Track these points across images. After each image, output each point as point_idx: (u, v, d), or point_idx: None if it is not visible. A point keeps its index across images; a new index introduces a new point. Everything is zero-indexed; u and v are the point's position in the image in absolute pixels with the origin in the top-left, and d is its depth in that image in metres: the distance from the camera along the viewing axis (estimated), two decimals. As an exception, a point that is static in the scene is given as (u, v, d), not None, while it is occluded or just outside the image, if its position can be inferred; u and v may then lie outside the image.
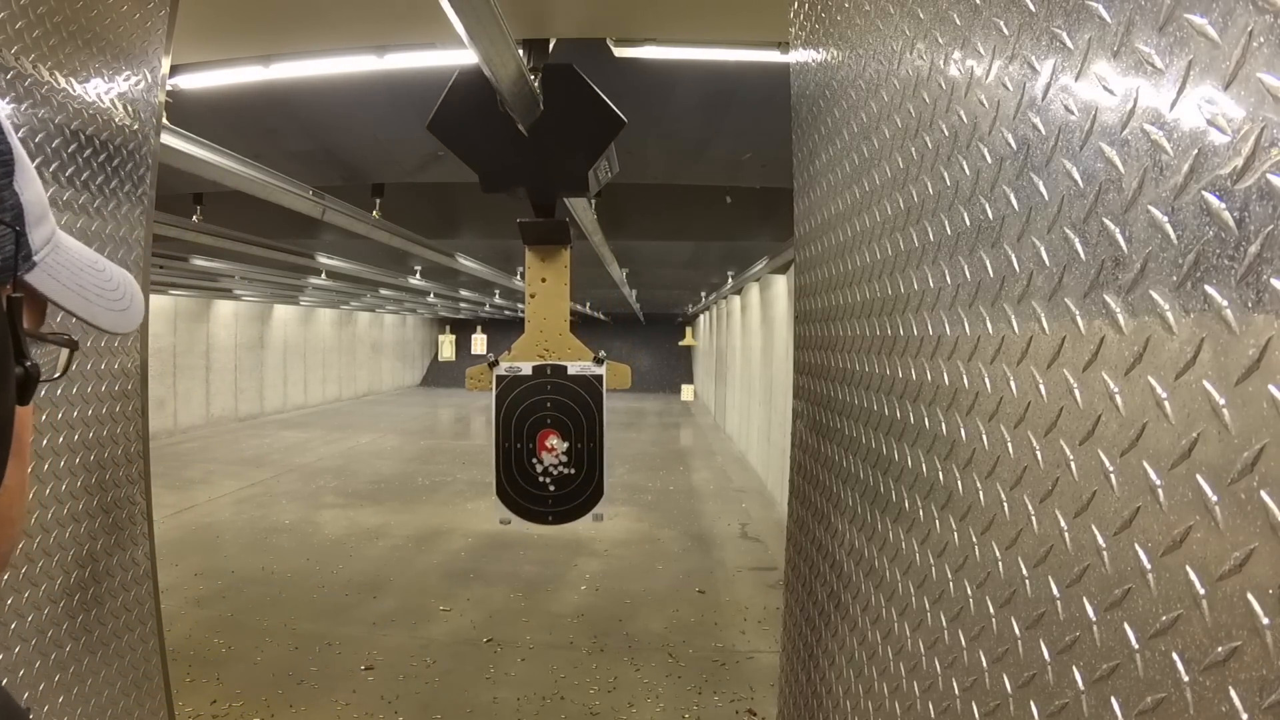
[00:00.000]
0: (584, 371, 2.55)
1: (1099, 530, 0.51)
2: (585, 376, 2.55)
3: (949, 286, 0.75)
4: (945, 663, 0.74)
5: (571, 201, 4.62)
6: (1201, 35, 0.42)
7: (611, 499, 7.99)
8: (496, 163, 2.38)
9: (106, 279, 0.51)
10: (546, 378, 2.54)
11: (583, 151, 2.35)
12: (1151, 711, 0.45)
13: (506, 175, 2.41)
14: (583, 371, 2.55)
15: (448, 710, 3.79)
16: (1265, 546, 0.37)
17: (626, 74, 3.68)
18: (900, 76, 0.90)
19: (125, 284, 0.53)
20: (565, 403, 2.55)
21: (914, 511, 0.84)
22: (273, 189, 4.80)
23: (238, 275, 9.89)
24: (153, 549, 1.65)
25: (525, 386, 2.55)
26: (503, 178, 2.43)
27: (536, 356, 2.56)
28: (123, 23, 1.47)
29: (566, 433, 2.56)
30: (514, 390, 2.55)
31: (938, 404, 0.78)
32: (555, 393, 2.54)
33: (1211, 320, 0.41)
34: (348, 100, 3.86)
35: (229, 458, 11.32)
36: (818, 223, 1.30)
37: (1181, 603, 0.43)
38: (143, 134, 1.55)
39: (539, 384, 2.55)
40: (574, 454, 2.57)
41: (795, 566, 1.42)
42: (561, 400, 2.55)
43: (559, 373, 2.55)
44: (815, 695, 1.22)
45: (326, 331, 20.68)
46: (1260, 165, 0.38)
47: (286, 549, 6.60)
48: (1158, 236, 0.46)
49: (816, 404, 1.29)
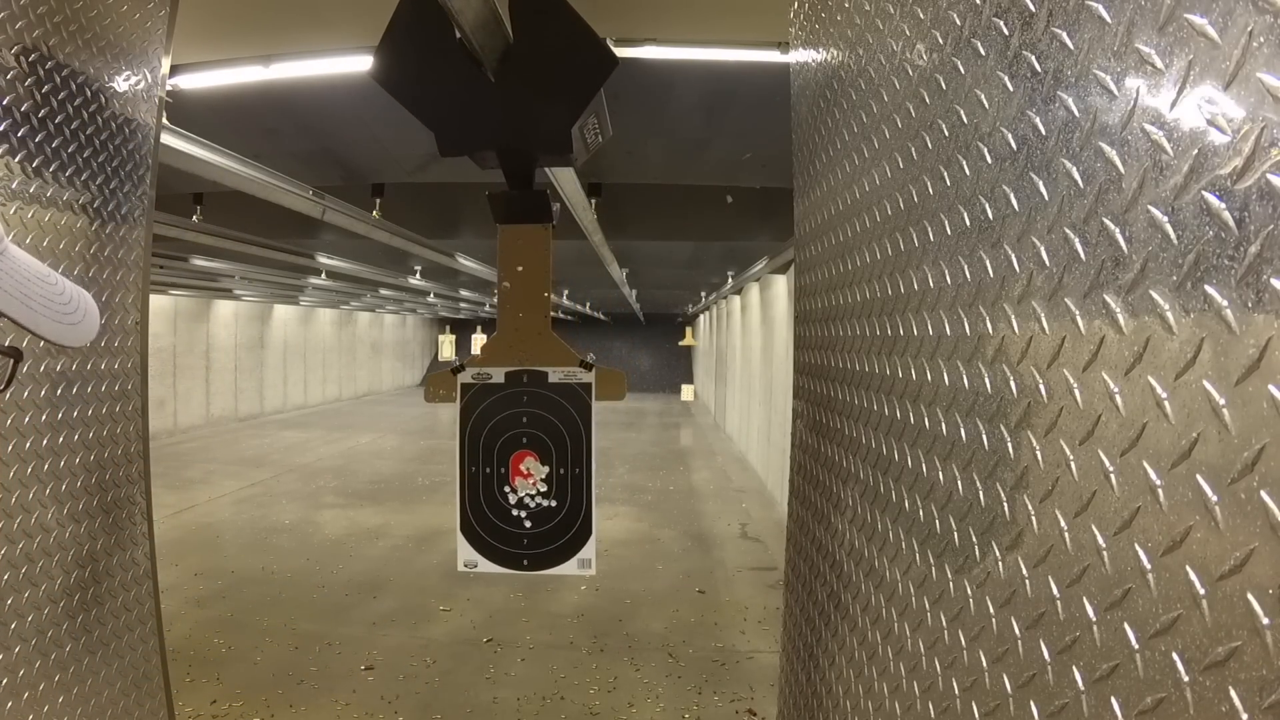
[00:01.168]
0: (568, 379, 2.09)
1: (1099, 530, 0.51)
2: (570, 386, 2.09)
3: (949, 286, 0.75)
4: (945, 663, 0.74)
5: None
6: (1201, 35, 0.42)
7: (611, 499, 8.00)
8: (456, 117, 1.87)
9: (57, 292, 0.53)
10: (522, 387, 2.10)
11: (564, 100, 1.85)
12: (1151, 711, 0.45)
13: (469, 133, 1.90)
14: (567, 379, 2.09)
15: (448, 710, 3.79)
16: (1265, 546, 0.37)
17: (626, 74, 3.67)
18: (900, 76, 0.90)
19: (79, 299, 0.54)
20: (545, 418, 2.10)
21: (914, 511, 0.84)
22: (273, 189, 4.80)
23: (238, 275, 9.89)
24: (153, 549, 1.65)
25: (496, 398, 2.10)
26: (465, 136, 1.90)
27: (510, 361, 2.10)
28: (123, 23, 1.47)
29: (546, 455, 2.09)
30: (482, 402, 2.10)
31: (938, 404, 0.78)
32: (533, 405, 2.10)
33: (1211, 320, 0.41)
34: (348, 100, 3.86)
35: (229, 458, 11.32)
36: (818, 223, 1.30)
37: (1181, 603, 0.43)
38: (143, 134, 1.55)
39: (513, 395, 2.10)
40: (555, 482, 2.10)
41: (795, 566, 1.42)
42: (540, 415, 2.10)
43: (537, 381, 2.09)
44: (815, 695, 1.22)
45: (326, 331, 20.68)
46: (1260, 165, 0.38)
47: (286, 549, 6.60)
48: (1158, 236, 0.46)
49: (816, 404, 1.29)
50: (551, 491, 2.10)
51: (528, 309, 2.11)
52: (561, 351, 2.11)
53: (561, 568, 2.08)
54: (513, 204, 2.08)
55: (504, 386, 2.10)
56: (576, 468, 2.09)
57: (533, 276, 2.12)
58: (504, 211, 2.10)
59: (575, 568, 2.10)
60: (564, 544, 2.10)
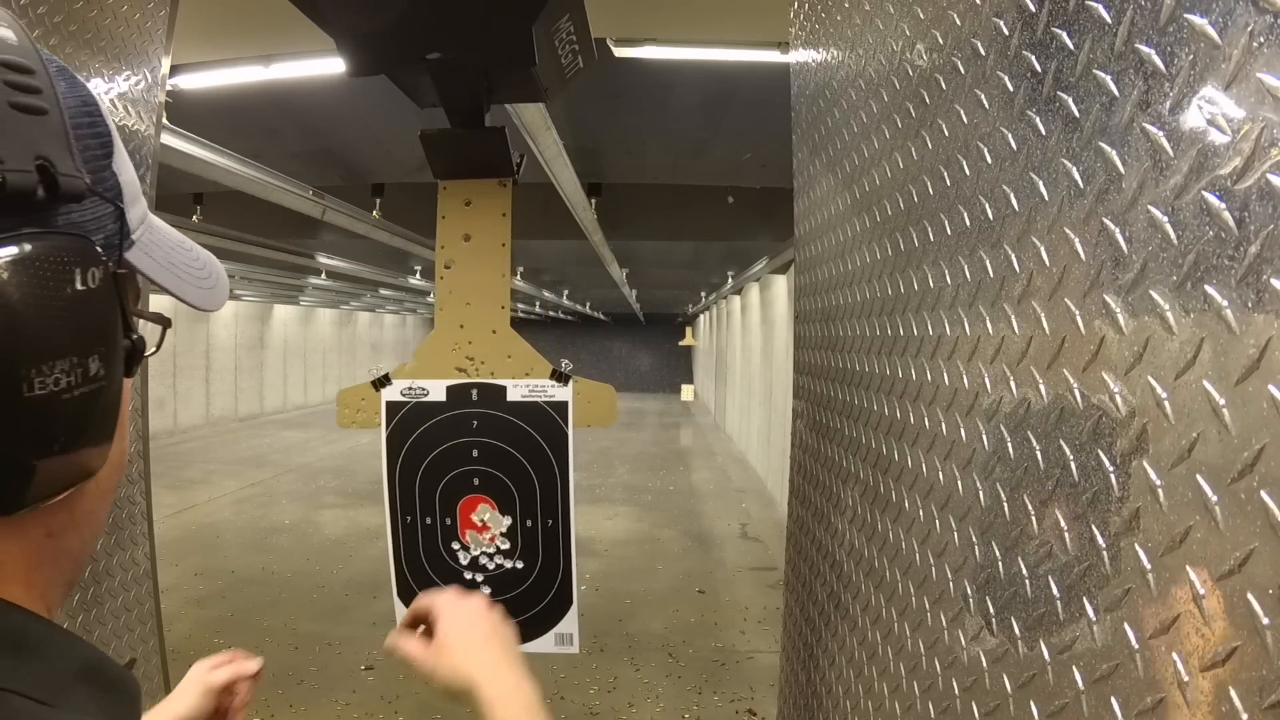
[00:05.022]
0: (535, 396, 1.48)
1: (1099, 530, 0.51)
2: (536, 406, 1.48)
3: (949, 286, 0.75)
4: (945, 663, 0.74)
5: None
6: (1201, 35, 0.42)
7: (611, 499, 8.01)
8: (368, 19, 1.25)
9: (194, 258, 0.55)
10: (471, 407, 1.49)
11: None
12: (1151, 711, 0.45)
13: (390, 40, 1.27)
14: (532, 396, 1.48)
15: (448, 710, 3.79)
16: (1265, 546, 0.37)
17: (626, 74, 3.68)
18: (900, 76, 0.90)
19: (211, 264, 0.57)
20: (503, 451, 1.50)
21: (914, 511, 0.84)
22: (273, 189, 4.80)
23: (238, 275, 9.90)
24: (153, 549, 1.65)
25: (436, 423, 1.50)
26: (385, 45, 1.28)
27: (453, 371, 1.50)
28: (123, 23, 1.47)
29: (507, 502, 1.51)
30: (417, 428, 1.50)
31: (938, 404, 0.78)
32: (487, 433, 1.49)
33: (1211, 320, 0.41)
34: (348, 100, 3.86)
35: (229, 458, 11.32)
36: (818, 222, 1.30)
37: (1181, 603, 0.43)
38: (143, 134, 1.55)
39: (458, 419, 1.50)
40: (521, 537, 1.55)
41: (795, 566, 1.42)
42: (497, 447, 1.50)
43: (492, 399, 1.49)
44: (815, 695, 1.22)
45: (326, 331, 20.68)
46: (1260, 165, 0.38)
47: (286, 549, 6.60)
48: (1158, 236, 0.46)
49: (816, 404, 1.29)
50: (516, 550, 1.55)
51: (478, 297, 1.49)
52: (525, 356, 1.50)
53: (533, 645, 1.57)
54: (457, 148, 1.47)
55: (446, 406, 1.49)
56: (549, 519, 1.50)
57: (486, 252, 1.49)
58: (445, 160, 1.48)
59: (551, 644, 1.60)
60: (535, 616, 1.58)
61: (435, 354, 1.51)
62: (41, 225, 0.38)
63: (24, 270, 0.36)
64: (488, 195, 1.50)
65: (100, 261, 0.40)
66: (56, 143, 0.38)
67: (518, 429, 1.50)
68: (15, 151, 0.36)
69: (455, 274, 1.52)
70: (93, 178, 0.41)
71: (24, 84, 0.38)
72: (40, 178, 0.37)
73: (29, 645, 0.38)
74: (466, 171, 1.50)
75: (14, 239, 0.36)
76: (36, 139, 0.37)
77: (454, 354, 1.51)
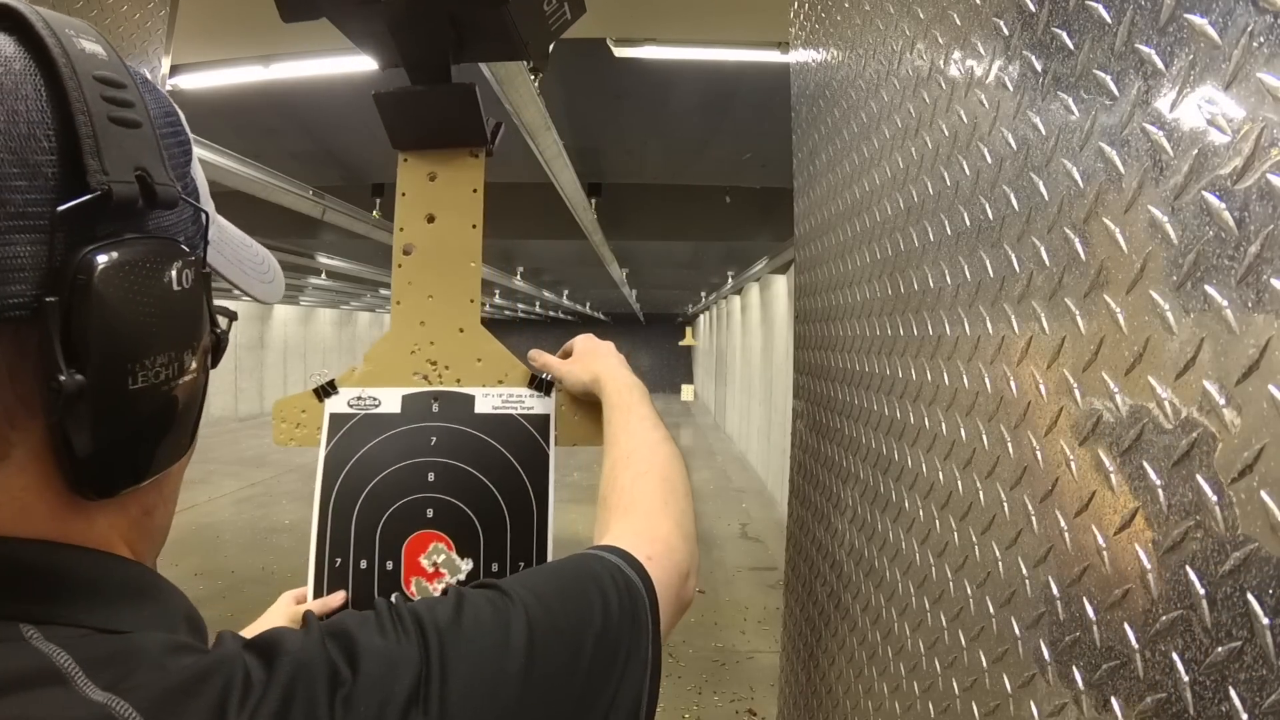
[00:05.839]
0: (509, 408, 1.19)
1: (1099, 530, 0.51)
2: (511, 419, 1.19)
3: (949, 286, 0.75)
4: (945, 663, 0.74)
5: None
6: (1201, 35, 0.42)
7: (611, 499, 7.92)
8: None
9: (254, 254, 0.58)
10: (431, 421, 1.19)
11: None
12: (1151, 711, 0.45)
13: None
14: (506, 408, 1.19)
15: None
16: (1265, 546, 0.37)
17: (626, 74, 3.68)
18: (900, 76, 0.90)
19: (268, 259, 0.60)
20: (467, 474, 1.17)
21: (914, 511, 0.84)
22: (273, 189, 4.80)
23: (238, 275, 9.88)
24: (153, 549, 1.65)
25: (386, 438, 1.18)
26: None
27: (411, 377, 1.22)
28: (123, 23, 1.47)
29: (468, 540, 1.15)
30: (363, 445, 1.18)
31: (938, 404, 0.78)
32: (446, 452, 1.17)
33: (1211, 320, 0.41)
34: (348, 100, 3.86)
35: (229, 458, 11.32)
36: (818, 222, 1.30)
37: (1181, 603, 0.43)
38: (143, 134, 1.55)
39: (414, 434, 1.18)
40: None
41: (795, 566, 1.42)
42: (459, 469, 1.17)
43: (456, 410, 1.19)
44: (815, 695, 1.22)
45: (326, 331, 20.69)
46: (1260, 165, 0.38)
47: (287, 549, 6.60)
48: (1158, 236, 0.46)
49: (816, 404, 1.29)
50: None
51: (443, 288, 1.23)
52: (498, 359, 1.22)
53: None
54: (418, 108, 1.20)
55: (400, 420, 1.19)
56: (521, 562, 1.14)
57: (453, 234, 1.23)
58: (404, 125, 1.22)
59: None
60: None
61: (390, 357, 1.22)
62: (138, 230, 0.41)
63: (128, 274, 0.38)
64: (456, 168, 1.24)
65: (191, 262, 0.43)
66: (151, 153, 0.41)
67: (487, 447, 1.18)
68: (117, 164, 0.38)
69: (416, 261, 1.23)
70: (180, 184, 0.44)
71: (120, 98, 0.40)
72: (140, 188, 0.39)
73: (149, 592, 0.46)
74: (430, 140, 1.24)
75: (117, 245, 0.38)
76: (134, 151, 0.40)
77: (413, 357, 1.22)
